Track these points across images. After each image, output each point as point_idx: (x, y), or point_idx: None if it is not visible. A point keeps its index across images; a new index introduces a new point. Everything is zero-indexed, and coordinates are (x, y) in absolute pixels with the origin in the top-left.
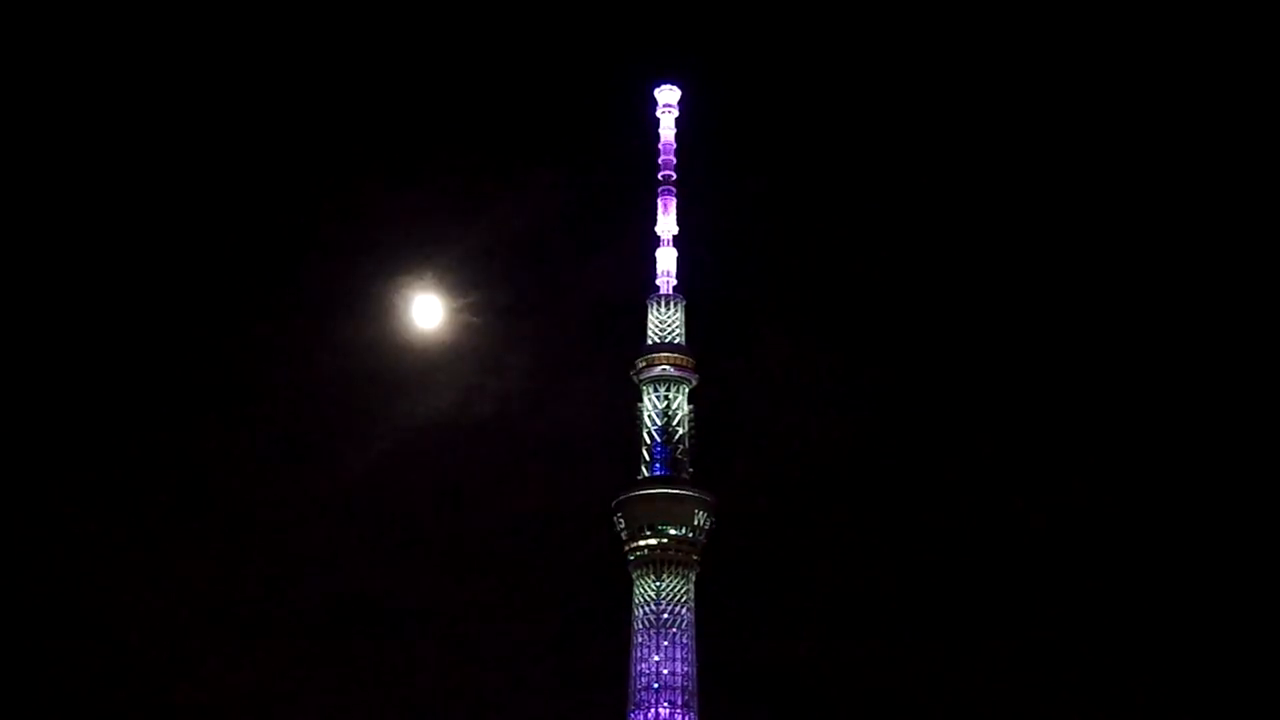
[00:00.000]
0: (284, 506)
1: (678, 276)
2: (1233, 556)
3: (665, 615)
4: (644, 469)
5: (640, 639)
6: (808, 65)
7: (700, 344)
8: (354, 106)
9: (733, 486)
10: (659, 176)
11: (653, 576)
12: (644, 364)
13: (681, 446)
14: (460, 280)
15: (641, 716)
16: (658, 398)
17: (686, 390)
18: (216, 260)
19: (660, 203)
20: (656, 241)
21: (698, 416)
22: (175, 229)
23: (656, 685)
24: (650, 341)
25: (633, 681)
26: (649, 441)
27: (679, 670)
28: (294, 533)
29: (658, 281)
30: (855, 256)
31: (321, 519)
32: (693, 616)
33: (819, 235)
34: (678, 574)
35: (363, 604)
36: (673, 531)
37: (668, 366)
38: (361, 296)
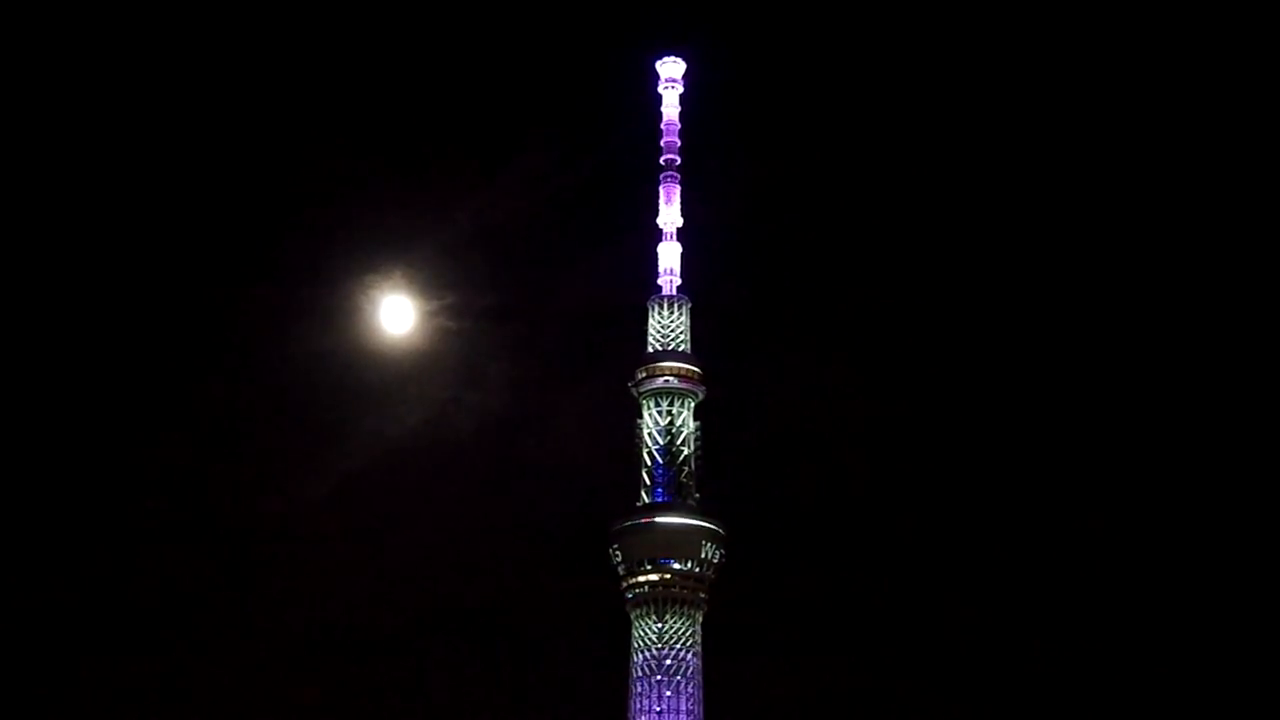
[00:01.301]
0: (239, 533)
1: (682, 275)
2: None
3: (668, 660)
4: (644, 494)
5: (639, 688)
6: (827, 35)
7: (708, 352)
8: (317, 78)
9: (745, 515)
10: (661, 161)
11: (654, 617)
12: (644, 375)
13: (687, 469)
14: (435, 279)
15: None
16: (659, 413)
17: (692, 405)
18: (157, 261)
19: (662, 191)
20: (658, 235)
21: (705, 434)
22: (121, 225)
23: None
24: (651, 349)
25: None
26: (650, 463)
27: None
28: (253, 559)
29: (660, 281)
30: (878, 249)
31: (280, 545)
32: (699, 662)
33: (840, 227)
34: (682, 614)
35: (327, 637)
36: (677, 566)
37: (671, 378)
38: (321, 298)
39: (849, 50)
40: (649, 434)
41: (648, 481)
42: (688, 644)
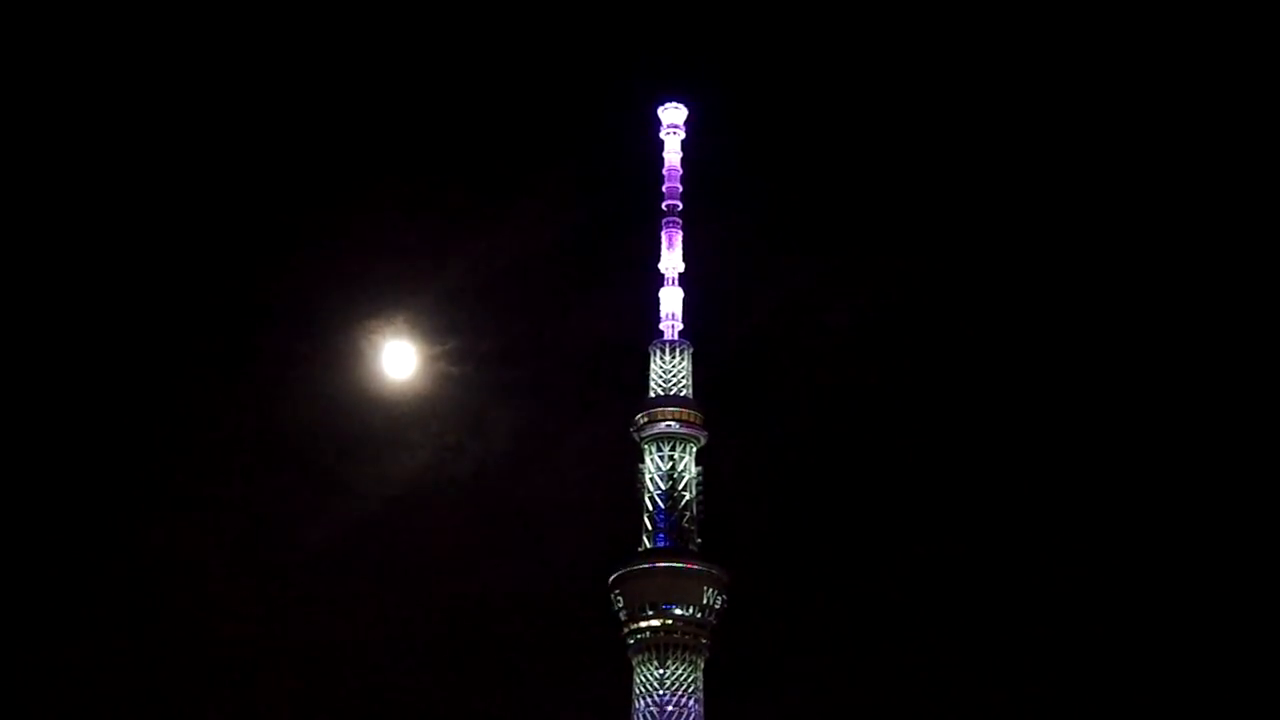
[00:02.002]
0: (236, 582)
1: (684, 320)
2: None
3: (670, 707)
4: (646, 539)
5: None
6: (832, 81)
7: (710, 397)
8: (314, 121)
9: (748, 560)
10: (663, 206)
11: (656, 663)
12: (645, 419)
13: (688, 514)
14: (436, 324)
15: None
16: (661, 458)
17: (694, 449)
18: (149, 306)
19: (665, 236)
20: (660, 280)
21: (707, 480)
22: (113, 266)
23: None
24: (653, 394)
25: None
26: (651, 508)
27: None
28: (249, 613)
29: (661, 326)
30: (883, 297)
31: (280, 596)
32: (701, 709)
33: (847, 273)
34: (684, 660)
35: (323, 686)
36: (679, 611)
37: (673, 422)
38: (323, 343)
39: (854, 97)
40: (650, 479)
41: (649, 526)
42: (690, 690)
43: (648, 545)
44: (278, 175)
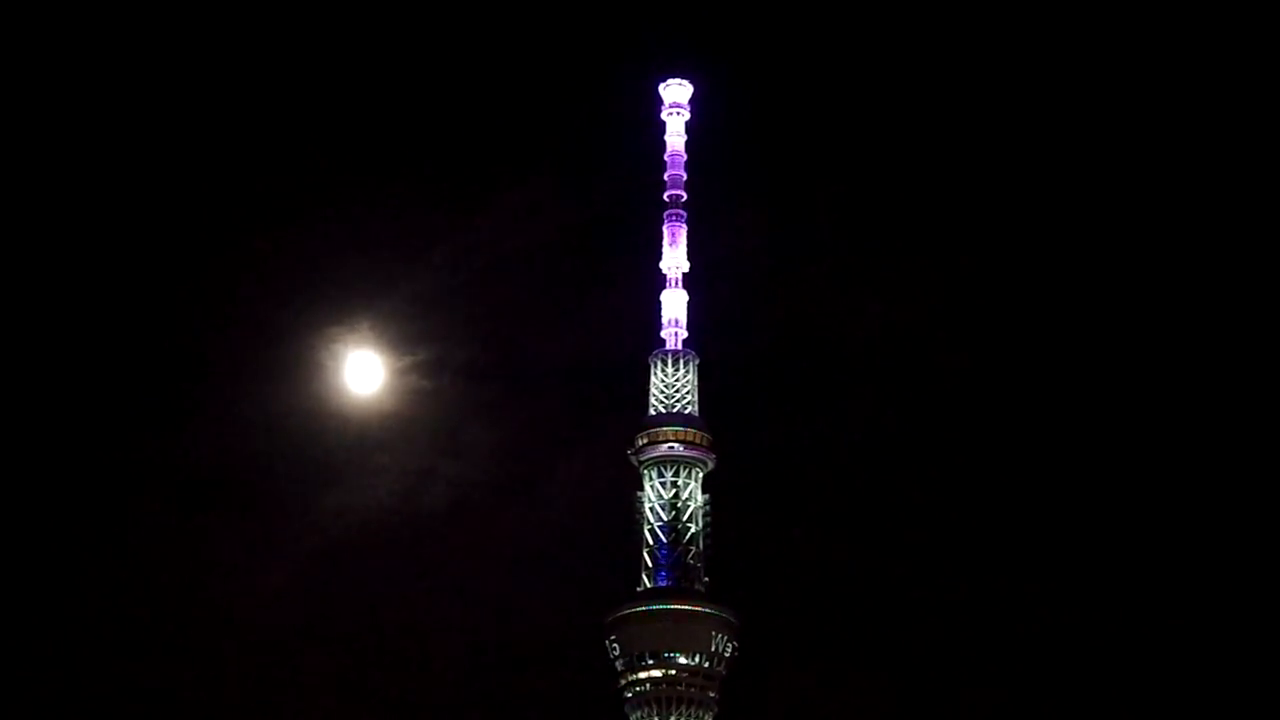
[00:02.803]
0: (189, 622)
1: (689, 327)
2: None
3: None
4: (645, 578)
5: None
6: (852, 51)
7: (718, 415)
8: (273, 102)
9: (761, 601)
10: (665, 197)
11: (657, 718)
12: (645, 441)
13: (694, 548)
14: (405, 332)
15: None
16: (663, 485)
17: (700, 475)
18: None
19: (667, 231)
20: (662, 281)
21: (715, 509)
22: (50, 275)
23: None
24: (654, 412)
25: None
26: (652, 542)
27: None
28: (200, 655)
29: (664, 334)
30: (907, 296)
31: (236, 633)
32: None
33: (874, 274)
34: (690, 715)
35: None
36: (683, 660)
37: (676, 444)
38: (279, 353)
39: (875, 71)
40: (651, 509)
41: (649, 563)
42: None
43: (647, 584)
44: (222, 160)
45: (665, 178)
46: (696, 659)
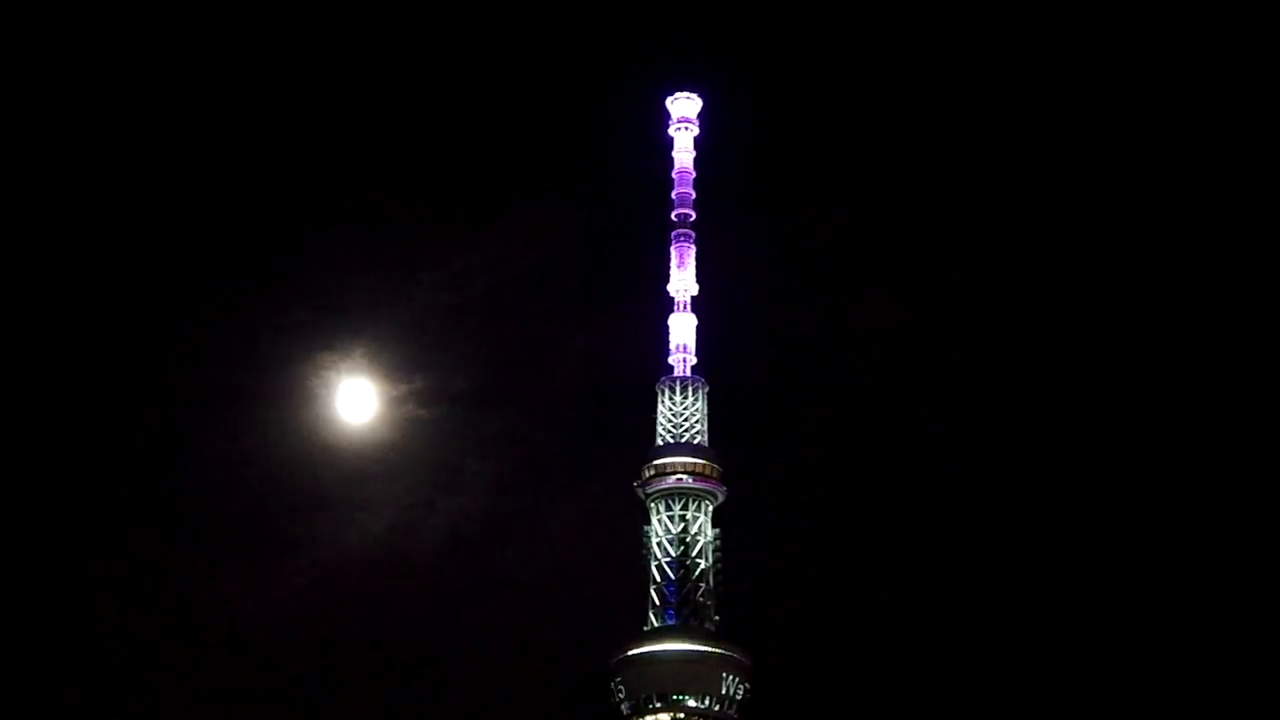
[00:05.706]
0: (181, 653)
1: (698, 353)
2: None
3: None
4: (652, 617)
5: None
6: (867, 65)
7: (729, 445)
8: (279, 125)
9: (775, 641)
10: (673, 217)
11: None
12: (652, 473)
13: (704, 585)
14: (401, 359)
15: None
16: (671, 519)
17: (710, 508)
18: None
19: (675, 253)
20: (669, 305)
21: (726, 544)
22: (40, 300)
23: None
24: (661, 442)
25: None
26: (659, 578)
27: None
28: (191, 688)
29: (671, 360)
30: (924, 317)
31: (220, 674)
32: None
33: (882, 291)
34: None
35: None
36: (692, 703)
37: (684, 476)
38: (271, 382)
39: (887, 84)
40: (658, 544)
41: (656, 601)
42: None
43: (655, 624)
44: (218, 179)
45: (673, 196)
46: (706, 701)
